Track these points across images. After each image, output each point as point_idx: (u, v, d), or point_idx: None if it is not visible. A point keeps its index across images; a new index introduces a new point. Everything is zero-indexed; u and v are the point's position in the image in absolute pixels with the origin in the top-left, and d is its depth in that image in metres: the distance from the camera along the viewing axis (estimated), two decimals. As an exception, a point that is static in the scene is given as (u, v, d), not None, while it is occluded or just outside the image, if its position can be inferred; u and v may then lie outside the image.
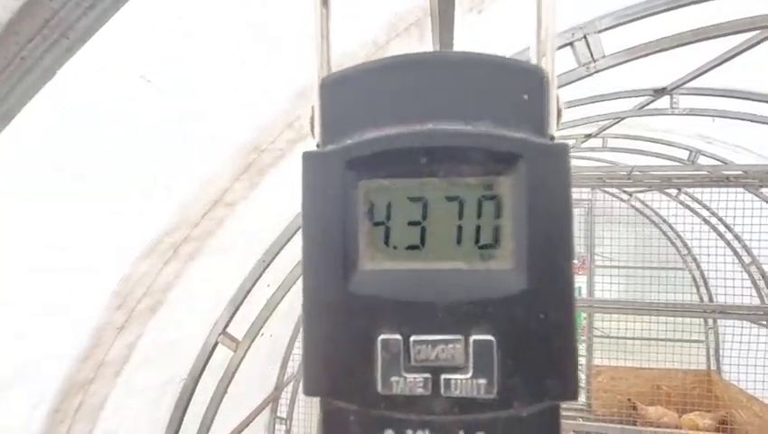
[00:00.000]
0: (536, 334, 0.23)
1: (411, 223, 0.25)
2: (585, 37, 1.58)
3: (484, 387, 0.23)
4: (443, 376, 0.23)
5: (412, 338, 0.23)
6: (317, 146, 0.25)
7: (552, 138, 0.24)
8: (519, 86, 0.24)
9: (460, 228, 0.25)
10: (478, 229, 0.25)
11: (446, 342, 0.23)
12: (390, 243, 0.25)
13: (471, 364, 0.23)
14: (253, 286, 1.81)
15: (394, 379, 0.23)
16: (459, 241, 0.25)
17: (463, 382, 0.23)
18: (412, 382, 0.23)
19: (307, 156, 0.25)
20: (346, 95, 0.25)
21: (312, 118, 0.26)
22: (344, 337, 0.24)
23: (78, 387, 1.20)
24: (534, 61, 0.26)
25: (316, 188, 0.24)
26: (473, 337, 0.23)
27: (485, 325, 0.23)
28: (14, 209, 0.76)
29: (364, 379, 0.23)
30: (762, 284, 4.12)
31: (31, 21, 0.24)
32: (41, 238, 0.85)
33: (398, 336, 0.23)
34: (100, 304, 1.11)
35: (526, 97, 0.24)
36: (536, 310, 0.23)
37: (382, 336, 0.23)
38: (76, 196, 0.88)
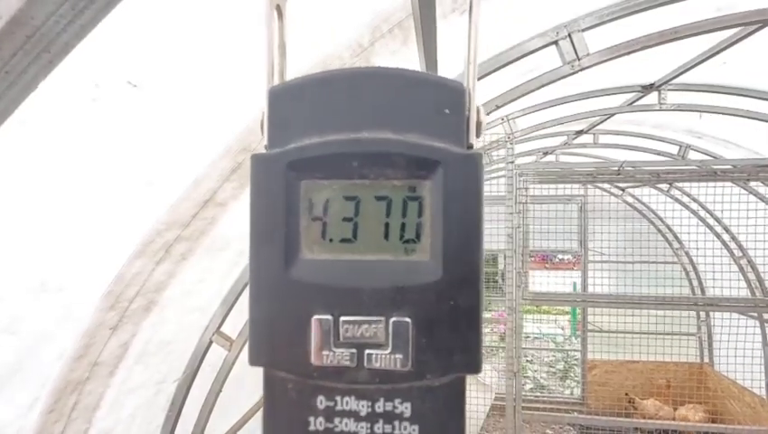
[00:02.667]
0: (447, 317, 0.26)
1: (345, 219, 0.28)
2: (569, 36, 1.61)
3: (401, 361, 0.26)
4: (366, 351, 0.27)
5: (341, 318, 0.27)
6: (265, 147, 0.28)
7: (470, 147, 0.27)
8: (442, 100, 0.27)
9: (387, 224, 0.28)
10: (403, 226, 0.28)
11: (370, 322, 0.27)
12: (327, 236, 0.28)
13: (390, 342, 0.26)
14: (246, 285, 1.83)
15: (325, 353, 0.27)
16: (386, 236, 0.28)
17: (384, 357, 0.26)
18: (340, 356, 0.27)
19: (255, 158, 0.28)
20: (291, 103, 0.28)
21: (262, 122, 0.29)
22: (284, 317, 0.27)
23: (72, 386, 1.22)
24: (464, 79, 0.28)
25: (263, 186, 0.27)
26: (393, 319, 0.26)
27: (404, 309, 0.27)
28: (5, 210, 0.78)
29: (300, 352, 0.27)
30: (751, 276, 4.19)
31: (13, 38, 0.26)
32: (33, 238, 0.87)
33: (329, 317, 0.27)
34: (93, 304, 1.13)
35: (448, 111, 0.27)
36: (447, 297, 0.26)
37: (316, 316, 0.27)
38: (68, 198, 0.90)
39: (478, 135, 0.28)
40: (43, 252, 0.90)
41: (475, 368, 0.26)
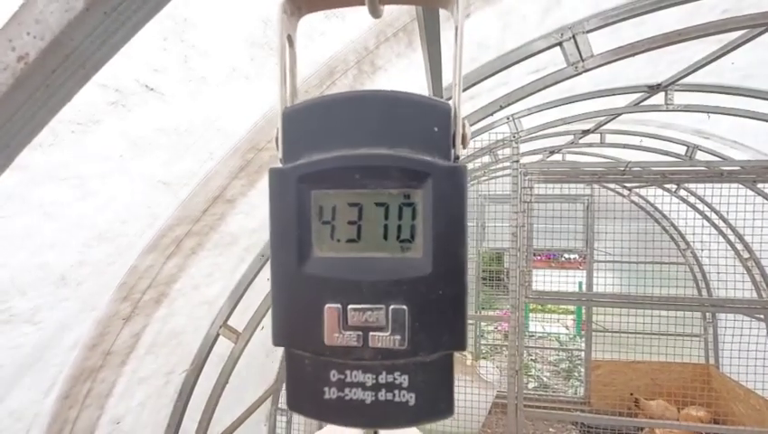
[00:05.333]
0: (436, 304, 0.31)
1: (350, 223, 0.32)
2: (573, 37, 1.62)
3: (399, 341, 0.31)
4: (370, 333, 0.31)
5: (349, 306, 0.31)
6: (280, 161, 0.33)
7: (457, 158, 0.32)
8: (432, 119, 0.31)
9: (386, 226, 0.32)
10: (399, 228, 0.32)
11: (373, 309, 0.31)
12: (335, 237, 0.32)
13: (390, 325, 0.31)
14: (252, 280, 1.88)
15: (336, 335, 0.31)
16: (385, 237, 0.32)
17: (384, 338, 0.31)
18: (348, 337, 0.31)
19: (272, 171, 0.32)
20: (302, 123, 0.32)
21: (277, 138, 0.33)
22: (301, 305, 0.32)
23: (87, 374, 1.27)
24: (452, 96, 0.32)
25: (279, 196, 0.32)
26: (392, 306, 0.31)
27: (401, 298, 0.31)
28: (30, 209, 0.82)
29: (315, 335, 0.32)
30: (759, 278, 4.16)
31: (54, 56, 0.30)
32: (55, 234, 0.91)
33: (338, 305, 0.31)
34: (109, 295, 1.17)
35: (436, 129, 0.31)
36: (437, 287, 0.31)
37: (327, 305, 0.31)
38: (87, 197, 0.94)
39: (464, 146, 0.32)
40: (65, 248, 0.95)
41: (460, 346, 0.31)
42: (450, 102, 0.32)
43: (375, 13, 0.35)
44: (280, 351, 3.18)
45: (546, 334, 7.74)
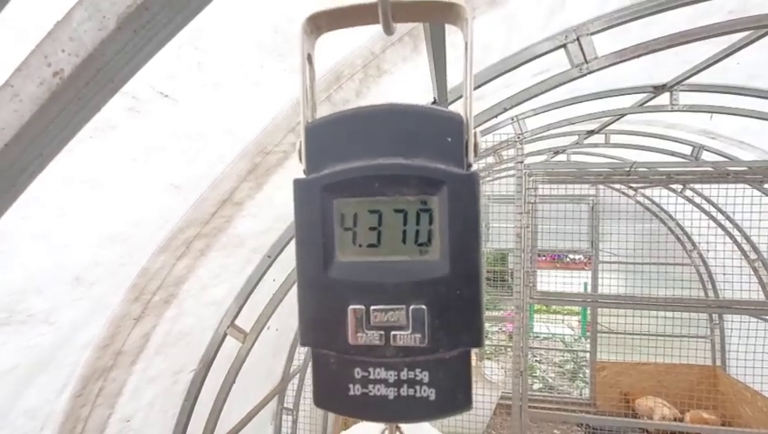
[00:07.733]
0: (454, 303, 0.33)
1: (371, 229, 0.35)
2: (577, 39, 1.63)
3: (419, 339, 0.33)
4: (392, 332, 0.33)
5: (371, 307, 0.33)
6: (303, 172, 0.35)
7: (469, 166, 0.34)
8: (445, 130, 0.33)
9: (404, 231, 0.34)
10: (417, 232, 0.34)
11: (394, 310, 0.33)
12: (356, 243, 0.35)
13: (410, 324, 0.33)
14: (259, 280, 1.90)
15: (359, 334, 0.34)
16: (404, 241, 0.34)
17: (406, 336, 0.33)
18: (371, 337, 0.33)
19: (296, 182, 0.35)
20: (323, 137, 0.35)
21: (299, 151, 0.35)
22: (326, 307, 0.34)
23: (98, 373, 1.29)
24: (462, 107, 0.33)
25: (304, 205, 0.34)
26: (412, 306, 0.33)
27: (420, 298, 0.33)
28: (45, 211, 0.84)
29: (340, 335, 0.34)
30: (766, 278, 4.13)
31: (87, 71, 0.32)
32: (70, 235, 0.93)
33: (362, 306, 0.33)
34: (120, 296, 1.20)
35: (449, 139, 0.33)
36: (454, 287, 0.33)
37: (351, 306, 0.33)
38: (102, 200, 0.96)
39: (476, 154, 0.34)
40: (79, 249, 0.97)
41: (478, 343, 0.33)
42: (461, 113, 0.33)
43: (388, 30, 0.36)
44: (287, 351, 3.19)
45: (551, 336, 7.72)
